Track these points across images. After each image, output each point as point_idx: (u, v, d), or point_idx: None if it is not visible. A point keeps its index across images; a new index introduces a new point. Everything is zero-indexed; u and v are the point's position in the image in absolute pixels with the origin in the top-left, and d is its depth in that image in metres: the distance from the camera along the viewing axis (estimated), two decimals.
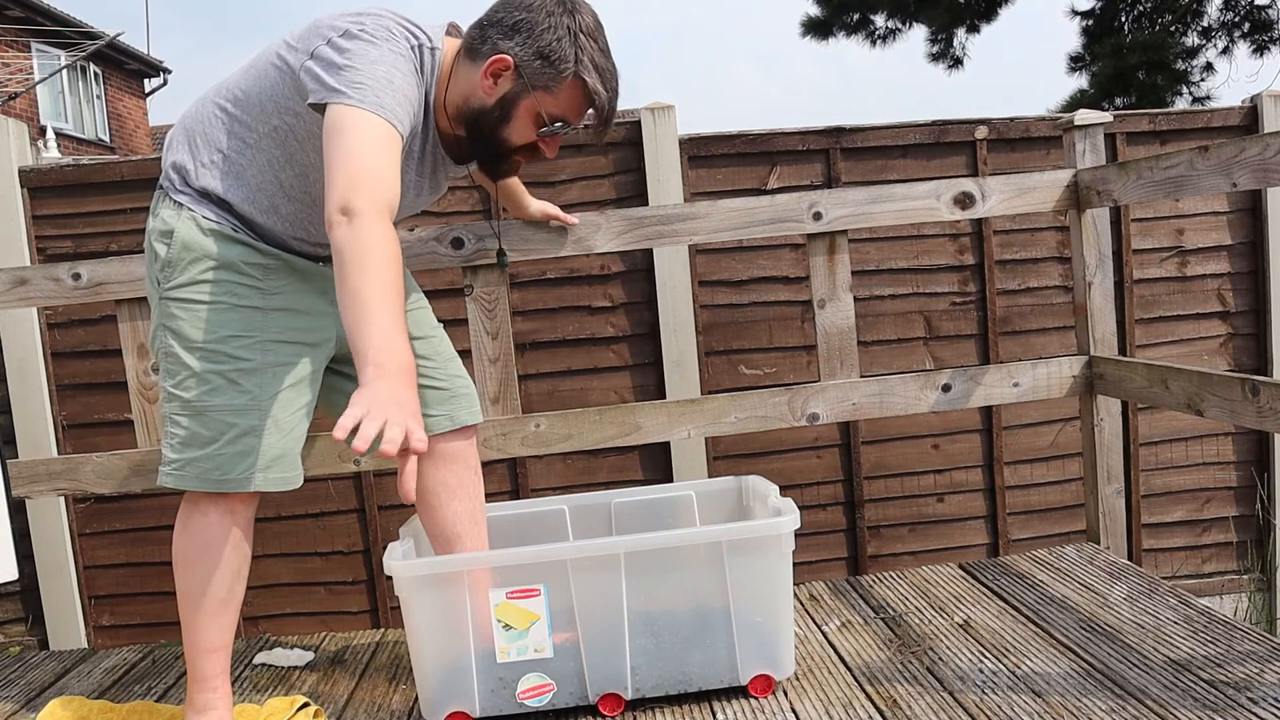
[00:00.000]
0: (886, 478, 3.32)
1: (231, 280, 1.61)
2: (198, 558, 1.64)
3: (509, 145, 1.61)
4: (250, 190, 1.62)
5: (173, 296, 1.62)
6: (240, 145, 1.61)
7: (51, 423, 3.06)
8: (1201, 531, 3.44)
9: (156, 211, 1.65)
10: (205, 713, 1.68)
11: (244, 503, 1.66)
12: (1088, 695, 1.66)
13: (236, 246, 1.62)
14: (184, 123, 1.67)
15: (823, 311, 2.25)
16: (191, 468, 1.61)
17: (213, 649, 1.67)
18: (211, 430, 1.60)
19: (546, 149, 1.64)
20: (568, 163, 3.07)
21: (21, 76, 13.58)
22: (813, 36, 9.64)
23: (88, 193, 3.09)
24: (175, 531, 1.67)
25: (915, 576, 2.33)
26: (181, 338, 1.61)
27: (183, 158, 1.64)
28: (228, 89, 1.63)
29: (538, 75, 1.55)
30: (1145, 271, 3.37)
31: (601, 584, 1.70)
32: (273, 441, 1.63)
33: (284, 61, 1.55)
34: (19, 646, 3.10)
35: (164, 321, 1.63)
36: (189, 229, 1.61)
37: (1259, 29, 8.36)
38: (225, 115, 1.62)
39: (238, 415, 1.61)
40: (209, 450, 1.60)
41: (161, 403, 1.66)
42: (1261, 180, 1.75)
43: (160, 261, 1.62)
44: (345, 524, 3.18)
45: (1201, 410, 1.95)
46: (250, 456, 1.62)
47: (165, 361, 1.64)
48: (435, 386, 1.83)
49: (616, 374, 3.18)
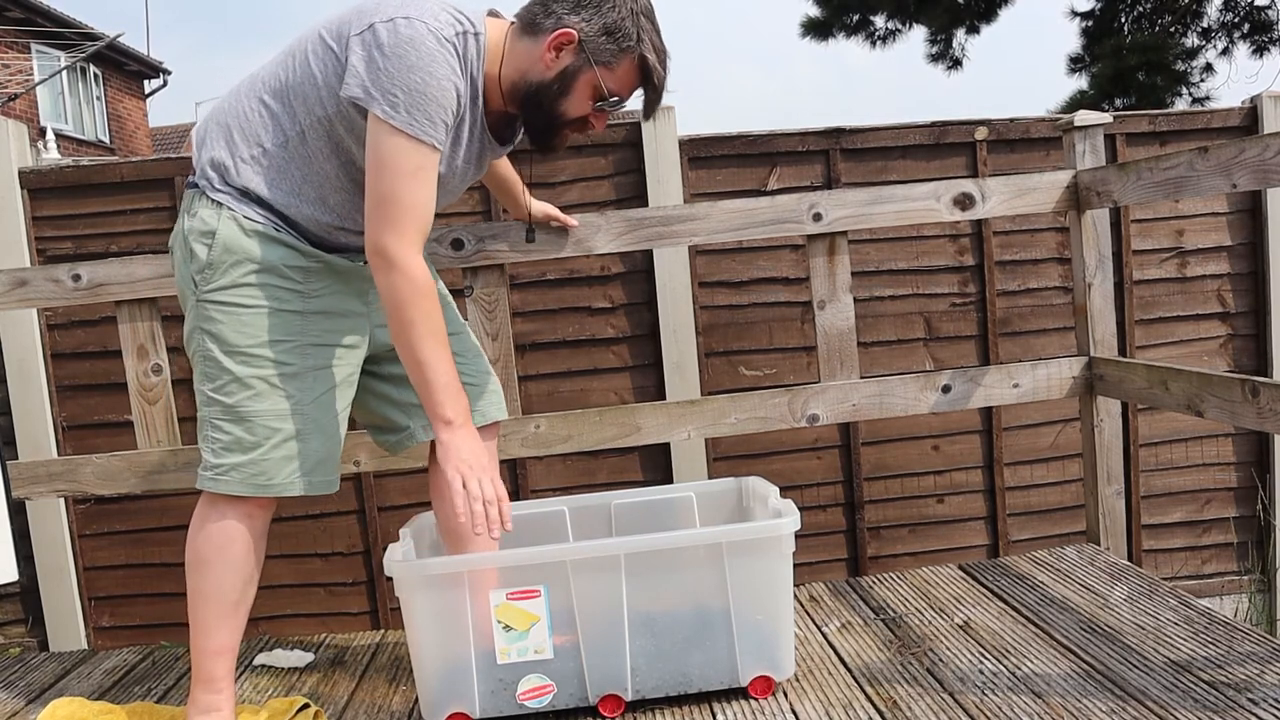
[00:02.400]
0: (886, 479, 3.31)
1: (273, 284, 1.61)
2: (213, 559, 1.63)
3: (565, 118, 1.63)
4: (295, 184, 1.61)
5: (212, 299, 1.60)
6: (283, 138, 1.60)
7: (51, 424, 3.06)
8: (1202, 532, 3.44)
9: (193, 211, 1.62)
10: (209, 714, 1.68)
11: (263, 508, 1.66)
12: (1088, 696, 1.66)
13: (279, 248, 1.61)
14: (218, 118, 1.64)
15: (823, 312, 2.25)
16: (235, 473, 1.61)
17: (220, 651, 1.67)
18: (256, 436, 1.60)
19: (596, 123, 1.66)
20: (568, 164, 3.07)
21: (21, 78, 13.58)
22: (813, 37, 9.63)
23: (88, 194, 3.09)
24: (191, 531, 1.66)
25: (915, 578, 2.33)
26: (221, 341, 1.60)
27: (221, 154, 1.61)
28: (264, 82, 1.62)
29: (600, 51, 1.57)
30: (1145, 272, 3.37)
31: (602, 585, 1.70)
32: (316, 445, 1.65)
33: (326, 49, 1.55)
34: (19, 648, 3.10)
35: (202, 324, 1.62)
36: (231, 230, 1.59)
37: (1259, 30, 8.35)
38: (265, 109, 1.60)
39: (281, 420, 1.61)
40: (253, 455, 1.60)
41: (200, 406, 1.65)
42: (1261, 181, 1.75)
43: (200, 263, 1.60)
44: (345, 525, 3.18)
45: (1201, 411, 1.95)
46: (294, 461, 1.63)
47: (204, 365, 1.63)
48: (467, 383, 1.82)
49: (616, 375, 3.18)
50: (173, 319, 3.08)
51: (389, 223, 1.51)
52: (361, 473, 2.73)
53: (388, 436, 1.84)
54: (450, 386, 1.55)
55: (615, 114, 1.68)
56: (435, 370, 1.54)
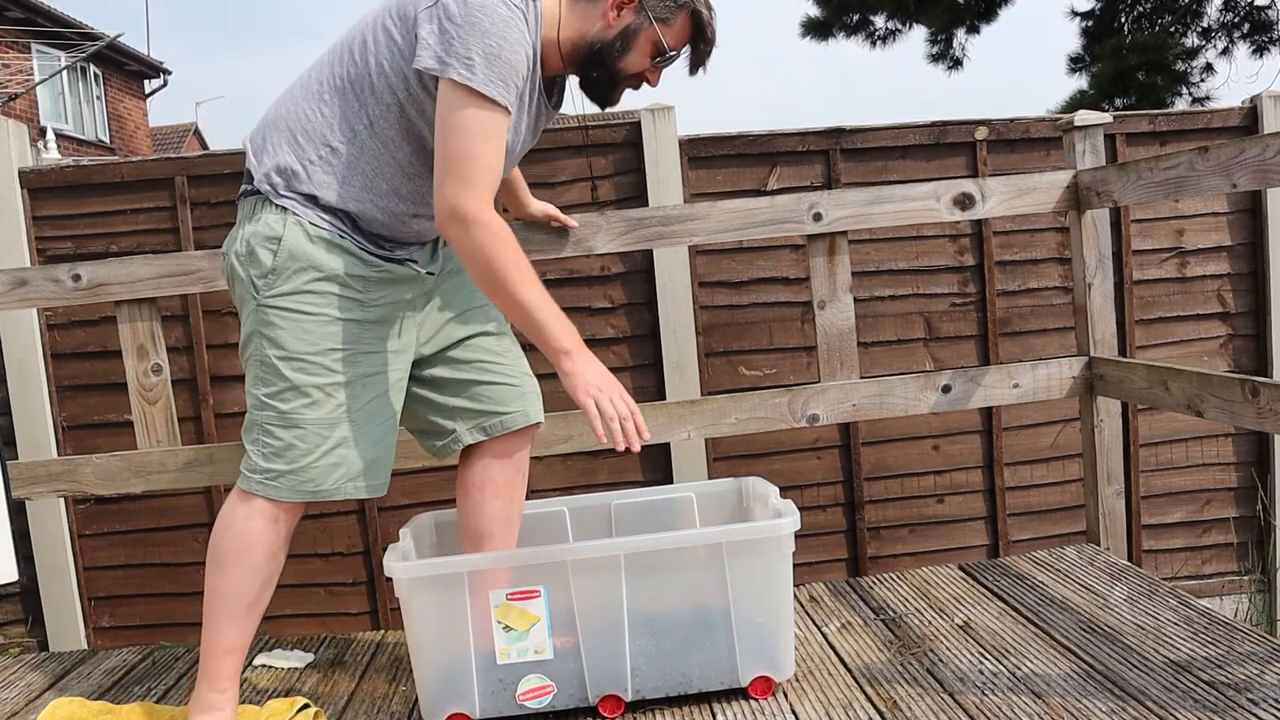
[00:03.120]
0: (886, 479, 3.31)
1: (335, 292, 1.62)
2: (235, 558, 1.64)
3: (625, 74, 1.67)
4: (368, 178, 1.62)
5: (274, 305, 1.61)
6: (350, 134, 1.61)
7: (51, 424, 3.06)
8: (1202, 532, 3.44)
9: (257, 216, 1.62)
10: (210, 713, 1.67)
11: (294, 513, 1.67)
12: (1088, 696, 1.66)
13: (343, 257, 1.62)
14: (277, 124, 1.65)
15: (823, 312, 2.25)
16: (285, 480, 1.62)
17: (230, 650, 1.67)
18: (308, 444, 1.61)
19: (651, 78, 1.70)
20: (568, 163, 3.07)
21: (22, 77, 13.58)
22: (813, 37, 9.63)
23: (88, 194, 3.09)
24: (218, 528, 1.67)
25: (915, 578, 2.33)
26: (280, 348, 1.61)
27: (286, 159, 1.62)
28: (321, 82, 1.63)
29: (660, 8, 1.63)
30: (1145, 272, 3.37)
31: (602, 585, 1.70)
32: (362, 451, 1.66)
33: (389, 34, 1.57)
34: (19, 648, 3.10)
35: (261, 329, 1.62)
36: (297, 236, 1.60)
37: (1259, 30, 8.35)
38: (327, 107, 1.61)
39: (332, 428, 1.63)
40: (305, 463, 1.61)
41: (251, 409, 1.65)
42: (1261, 181, 1.75)
43: (263, 268, 1.61)
44: (345, 525, 3.18)
45: (1201, 411, 1.95)
46: (341, 467, 1.64)
47: (259, 370, 1.63)
48: (509, 383, 1.84)
49: (616, 375, 3.17)
50: (172, 319, 3.08)
51: (463, 182, 1.52)
52: None
53: (434, 441, 1.85)
54: (557, 317, 1.58)
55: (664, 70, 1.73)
56: (539, 309, 1.57)
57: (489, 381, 1.82)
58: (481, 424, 1.81)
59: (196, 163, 3.10)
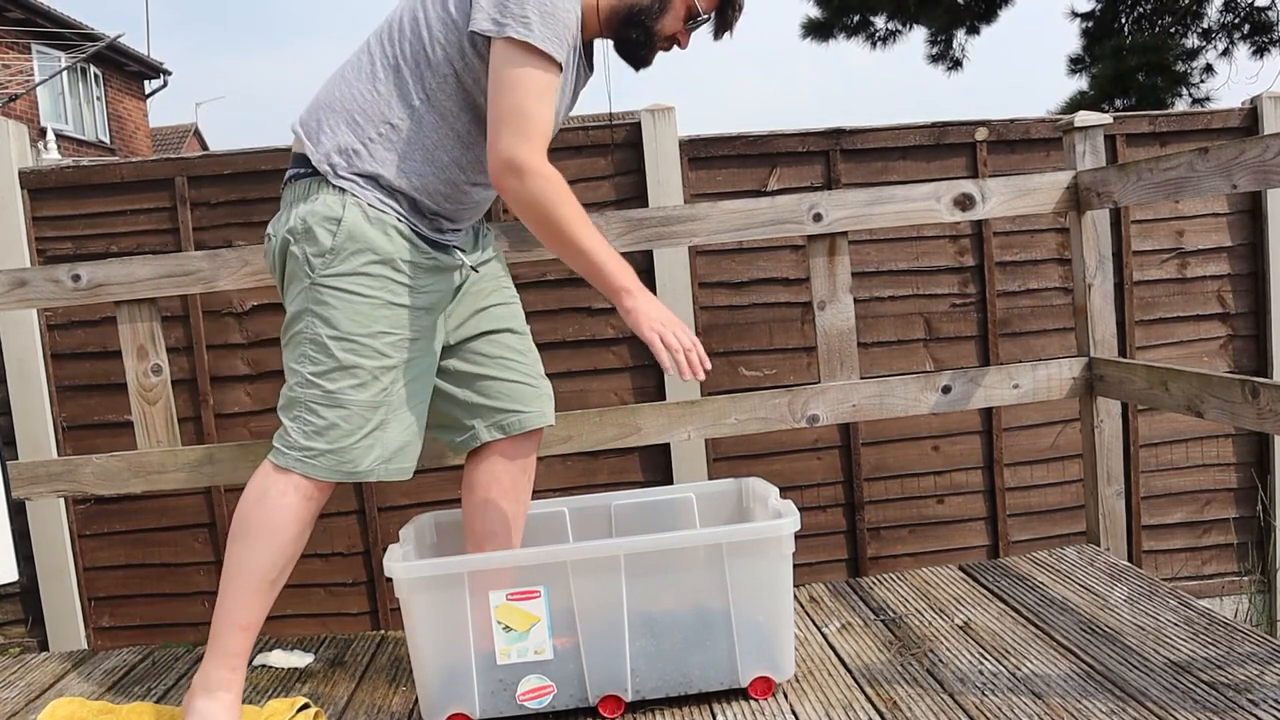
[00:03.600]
0: (886, 479, 3.32)
1: (389, 276, 1.64)
2: (263, 534, 1.65)
3: (660, 36, 1.72)
4: (428, 151, 1.65)
5: (329, 284, 1.63)
6: (408, 109, 1.64)
7: (51, 424, 3.07)
8: (1202, 533, 3.44)
9: (313, 195, 1.64)
10: (216, 693, 1.66)
11: (324, 492, 1.68)
12: (1088, 697, 1.65)
13: (398, 241, 1.65)
14: (331, 107, 1.67)
15: (823, 313, 2.25)
16: (324, 459, 1.64)
17: (245, 626, 1.67)
18: (351, 424, 1.64)
19: (683, 41, 1.76)
20: (568, 164, 3.07)
21: (22, 78, 13.59)
22: (813, 38, 9.63)
23: (88, 194, 3.09)
24: (247, 501, 1.67)
25: (915, 578, 2.33)
26: (333, 327, 1.63)
27: (347, 139, 1.64)
28: (372, 62, 1.66)
29: None
30: (1145, 273, 3.37)
31: (602, 586, 1.70)
32: (396, 434, 1.68)
33: (442, 5, 1.61)
34: (19, 648, 3.10)
35: (313, 307, 1.64)
36: (356, 217, 1.63)
37: (1259, 31, 8.35)
38: (383, 85, 1.64)
39: (373, 410, 1.65)
40: (346, 444, 1.64)
41: (294, 385, 1.66)
42: (1261, 182, 1.75)
43: (321, 247, 1.63)
44: (345, 525, 3.18)
45: (1201, 412, 1.95)
46: (376, 449, 1.66)
47: (308, 348, 1.65)
48: (527, 383, 1.85)
49: (616, 375, 3.18)
50: (172, 320, 3.08)
51: (519, 134, 1.55)
52: None
53: (453, 436, 1.86)
54: (615, 258, 1.61)
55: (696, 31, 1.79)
56: (598, 252, 1.60)
57: (510, 380, 1.83)
58: (500, 422, 1.82)
59: (196, 163, 3.10)
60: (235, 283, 2.18)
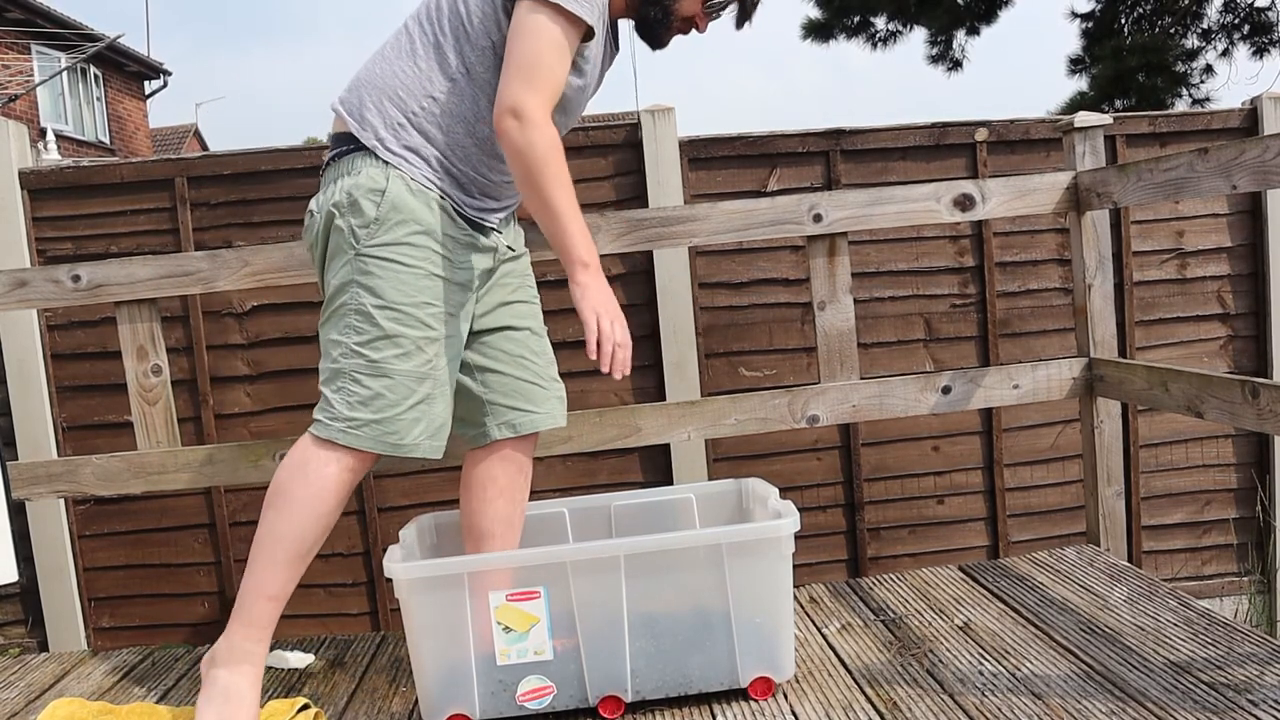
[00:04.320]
0: (886, 479, 3.31)
1: (431, 247, 1.67)
2: (302, 504, 1.65)
3: (677, 15, 1.76)
4: (469, 124, 1.69)
5: (374, 254, 1.65)
6: (449, 83, 1.67)
7: (51, 424, 3.06)
8: (1202, 533, 3.44)
9: (356, 169, 1.67)
10: (240, 665, 1.65)
11: (365, 464, 1.69)
12: (1088, 697, 1.65)
13: (439, 214, 1.68)
14: (373, 84, 1.70)
15: (823, 313, 2.25)
16: (369, 429, 1.64)
17: (272, 597, 1.67)
18: (396, 394, 1.64)
19: (701, 24, 1.79)
20: (567, 163, 3.07)
21: (22, 78, 13.59)
22: (813, 39, 9.64)
23: (88, 194, 3.09)
24: (287, 470, 1.67)
25: (915, 579, 2.33)
26: (378, 296, 1.64)
27: (392, 114, 1.68)
28: (411, 41, 1.69)
29: None
30: (1145, 273, 3.37)
31: (601, 586, 1.70)
32: (439, 410, 1.70)
33: None
34: (19, 648, 3.10)
35: (358, 278, 1.65)
36: (400, 189, 1.65)
37: (1259, 31, 8.35)
38: (423, 60, 1.68)
39: (418, 382, 1.66)
40: (391, 414, 1.64)
41: (337, 357, 1.66)
42: (1261, 182, 1.75)
43: (366, 217, 1.65)
44: (345, 526, 3.18)
45: (1201, 412, 1.95)
46: (423, 423, 1.68)
47: (353, 318, 1.66)
48: (539, 384, 1.87)
49: None
50: (172, 320, 3.08)
51: (529, 84, 1.58)
52: None
53: (467, 429, 1.87)
54: (583, 232, 1.64)
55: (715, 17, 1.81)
56: (569, 218, 1.63)
57: (524, 379, 1.85)
58: (511, 420, 1.84)
59: (196, 163, 3.10)
60: (235, 283, 2.18)
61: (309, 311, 3.10)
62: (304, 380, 3.11)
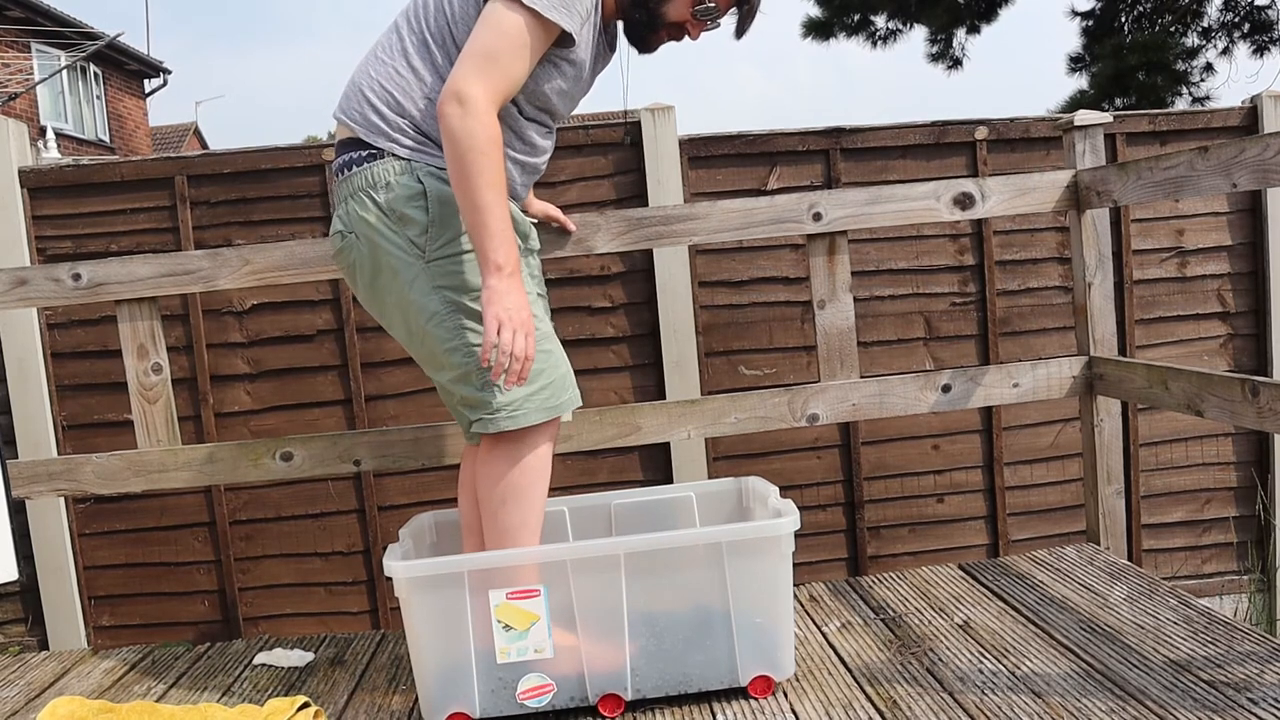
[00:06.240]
0: (886, 478, 3.31)
1: None
2: (530, 485, 1.70)
3: (665, 20, 1.72)
4: None
5: (446, 254, 1.65)
6: (442, 84, 1.65)
7: (51, 423, 3.06)
8: (1201, 532, 3.44)
9: (382, 181, 1.66)
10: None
11: (548, 435, 1.72)
12: (1087, 696, 1.66)
13: None
14: (371, 87, 1.69)
15: (823, 312, 2.25)
16: (529, 403, 1.66)
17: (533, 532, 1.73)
18: (540, 363, 1.67)
19: (692, 31, 1.75)
20: (567, 163, 3.07)
21: (21, 77, 13.58)
22: (813, 38, 9.63)
23: (88, 193, 3.09)
24: (502, 468, 1.69)
25: (915, 577, 2.33)
26: (470, 289, 1.65)
27: (393, 116, 1.67)
28: (404, 39, 1.68)
29: None
30: (1145, 272, 3.37)
31: (601, 585, 1.70)
32: (561, 359, 1.74)
33: None
34: (18, 647, 3.10)
35: (440, 282, 1.65)
36: (434, 183, 1.65)
37: (1259, 29, 8.35)
38: (417, 60, 1.67)
39: (545, 340, 1.70)
40: (540, 382, 1.67)
41: (461, 362, 1.66)
42: (1261, 181, 1.75)
43: (420, 225, 1.64)
44: (345, 525, 3.18)
45: (1201, 411, 1.95)
46: (567, 375, 1.73)
47: (460, 320, 1.66)
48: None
49: (616, 375, 3.18)
50: (172, 319, 3.08)
51: (480, 73, 1.55)
52: (361, 472, 2.73)
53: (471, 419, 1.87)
54: (505, 233, 1.57)
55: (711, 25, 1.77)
56: (492, 215, 1.56)
57: None
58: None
59: (196, 162, 3.10)
60: (235, 282, 2.18)
61: (309, 310, 3.10)
62: (304, 379, 3.11)
